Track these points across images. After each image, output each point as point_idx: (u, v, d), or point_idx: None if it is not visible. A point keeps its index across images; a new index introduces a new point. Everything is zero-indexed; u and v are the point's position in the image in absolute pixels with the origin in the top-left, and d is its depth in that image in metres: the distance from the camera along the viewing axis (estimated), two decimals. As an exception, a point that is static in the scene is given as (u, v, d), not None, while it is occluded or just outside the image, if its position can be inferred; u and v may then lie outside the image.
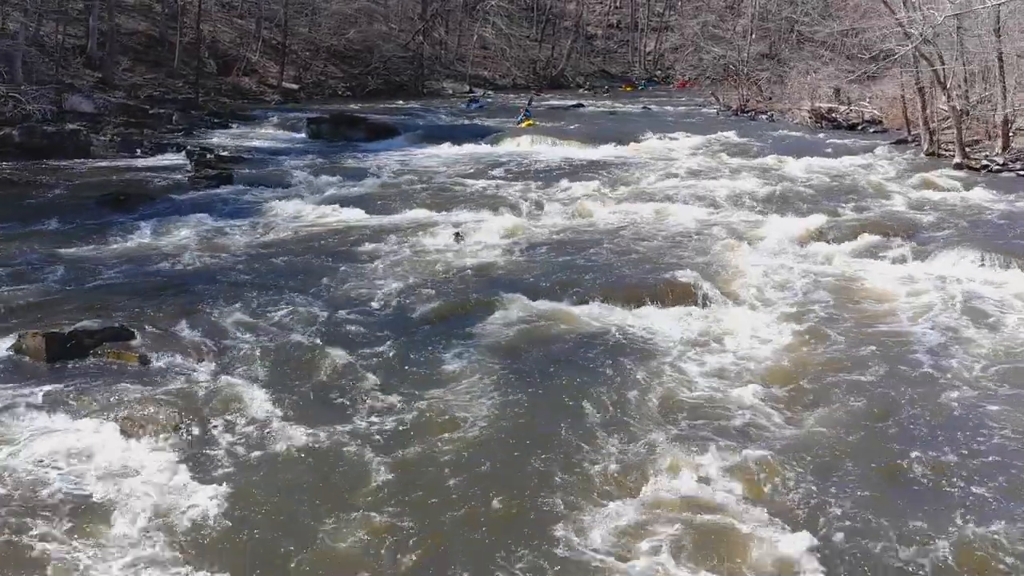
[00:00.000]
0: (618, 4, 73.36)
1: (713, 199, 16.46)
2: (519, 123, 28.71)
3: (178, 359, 8.21)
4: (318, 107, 36.97)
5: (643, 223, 14.54)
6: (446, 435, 6.91)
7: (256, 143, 26.02)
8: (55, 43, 32.76)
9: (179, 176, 19.22)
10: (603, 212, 15.42)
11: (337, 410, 7.35)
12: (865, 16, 25.53)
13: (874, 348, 8.78)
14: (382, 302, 10.16)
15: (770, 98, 37.35)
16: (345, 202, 16.12)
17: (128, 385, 7.57)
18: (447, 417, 7.17)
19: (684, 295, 10.26)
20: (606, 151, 24.01)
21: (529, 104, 33.82)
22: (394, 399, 7.53)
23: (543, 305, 10.07)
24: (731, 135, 26.78)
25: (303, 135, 27.98)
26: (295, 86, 42.57)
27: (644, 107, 40.77)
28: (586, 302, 10.20)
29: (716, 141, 25.64)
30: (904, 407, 7.54)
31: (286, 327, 9.16)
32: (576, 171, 20.22)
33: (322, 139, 27.12)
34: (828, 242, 13.11)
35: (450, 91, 50.03)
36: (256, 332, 8.94)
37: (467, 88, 50.61)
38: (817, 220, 14.13)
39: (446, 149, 24.48)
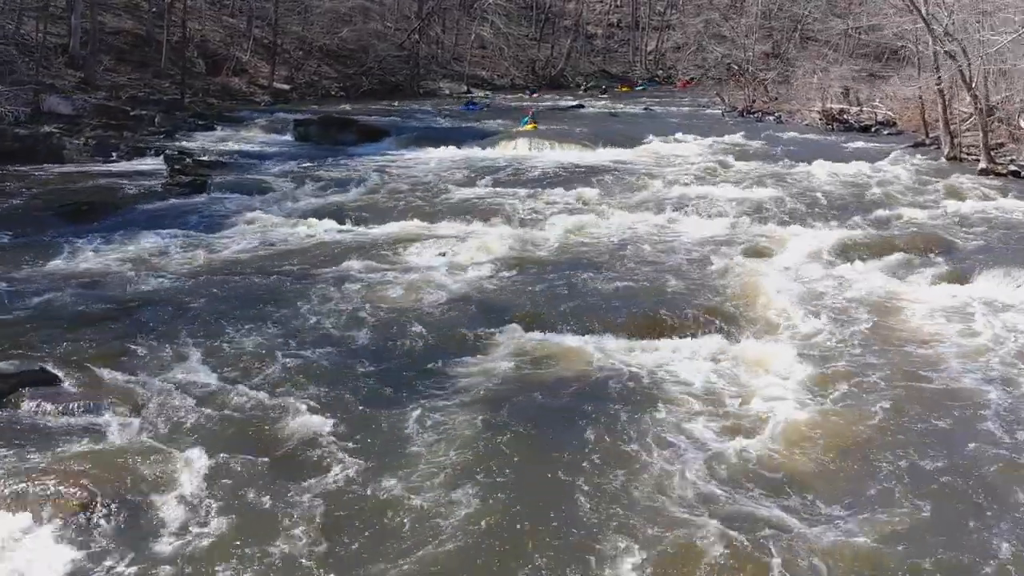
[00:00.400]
0: (619, 3, 72.04)
1: (725, 210, 15.17)
2: (523, 126, 27.02)
3: (105, 413, 6.93)
4: (310, 108, 35.71)
5: (650, 237, 13.25)
6: (417, 522, 5.63)
7: (240, 146, 24.73)
8: (36, 42, 31.51)
9: (152, 183, 17.93)
10: (606, 225, 14.14)
11: (291, 483, 6.07)
12: (880, 13, 24.24)
13: (924, 403, 7.41)
14: (351, 338, 8.88)
15: (775, 98, 36.04)
16: (324, 213, 14.85)
17: (36, 446, 6.29)
18: (418, 499, 5.87)
19: (699, 327, 8.99)
20: (608, 155, 22.71)
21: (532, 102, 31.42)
22: (357, 468, 6.24)
23: (537, 339, 8.80)
24: (738, 138, 25.48)
25: (290, 138, 26.71)
26: (286, 86, 41.26)
27: (646, 108, 39.45)
28: (587, 334, 8.93)
29: (723, 144, 24.34)
30: (972, 491, 6.16)
31: (239, 370, 7.87)
32: (576, 177, 18.93)
33: (310, 142, 25.86)
34: (856, 261, 11.81)
35: (447, 91, 48.73)
36: (202, 377, 7.66)
37: (464, 88, 49.30)
38: (842, 235, 12.84)
39: (439, 153, 23.20)
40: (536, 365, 8.19)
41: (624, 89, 54.61)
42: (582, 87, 54.18)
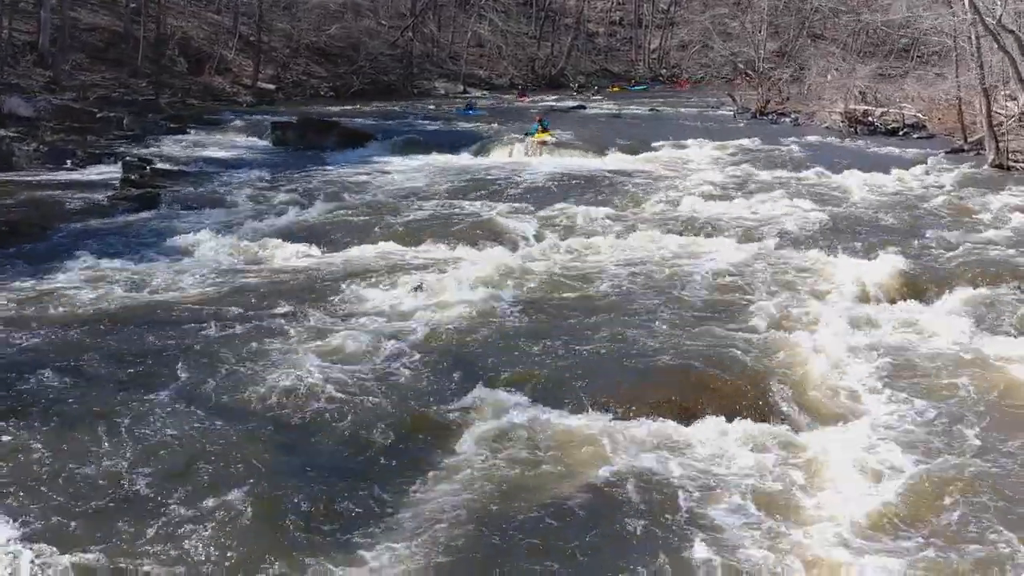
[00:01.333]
0: (621, 0, 69.93)
1: (751, 228, 13.08)
2: (532, 135, 23.02)
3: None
4: (295, 109, 33.62)
5: (667, 265, 11.12)
6: None
7: (211, 152, 22.65)
8: (1, 39, 29.46)
9: (100, 196, 15.81)
10: (613, 250, 12.02)
11: None
12: (917, 5, 22.12)
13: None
14: (292, 411, 6.78)
15: (788, 98, 33.84)
16: (287, 234, 12.76)
17: None
18: None
19: (737, 399, 6.88)
20: (613, 162, 20.63)
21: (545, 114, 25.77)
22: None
23: (527, 416, 6.69)
24: (755, 142, 23.35)
25: (267, 142, 24.62)
26: (272, 86, 39.17)
27: (652, 109, 37.36)
28: (591, 409, 6.83)
29: (740, 149, 22.23)
30: None
31: (129, 459, 5.77)
32: (578, 188, 16.84)
33: (287, 147, 23.79)
34: (922, 298, 9.70)
35: (442, 91, 46.61)
36: (92, 468, 5.58)
37: (461, 88, 47.16)
38: (897, 266, 10.68)
39: (427, 159, 21.12)
40: (523, 457, 6.08)
41: (615, 89, 51.89)
42: (574, 87, 51.32)
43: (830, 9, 62.76)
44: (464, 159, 21.30)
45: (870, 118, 25.54)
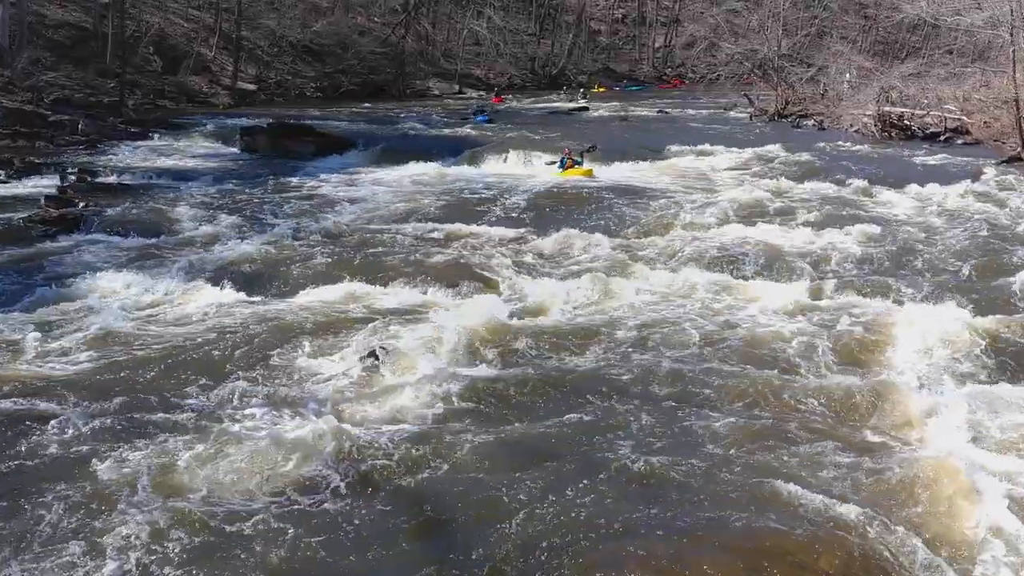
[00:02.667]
0: (624, -4, 67.55)
1: (795, 264, 10.59)
2: (560, 169, 17.70)
3: None
4: (275, 112, 31.18)
5: (697, 321, 8.61)
6: None
7: (169, 161, 20.19)
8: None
9: (20, 215, 13.38)
10: (628, 293, 9.52)
11: None
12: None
13: None
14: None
15: (804, 99, 31.25)
16: (226, 273, 10.28)
17: None
18: None
19: (840, 560, 4.38)
20: (620, 173, 18.16)
21: (589, 149, 18.63)
22: None
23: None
24: (779, 149, 20.83)
25: (236, 149, 22.16)
26: (253, 86, 36.71)
27: (660, 111, 34.92)
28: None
29: (763, 158, 19.73)
30: None
31: None
32: (582, 207, 14.37)
33: (258, 154, 21.36)
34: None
35: (437, 92, 44.18)
36: None
37: (456, 88, 44.71)
38: (995, 318, 8.19)
39: (412, 170, 18.66)
40: None
41: (601, 90, 48.70)
42: (561, 88, 47.76)
43: (841, 6, 60.48)
44: (453, 170, 18.84)
45: (906, 121, 22.98)
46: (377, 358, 7.60)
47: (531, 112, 33.25)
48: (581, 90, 45.31)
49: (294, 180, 17.50)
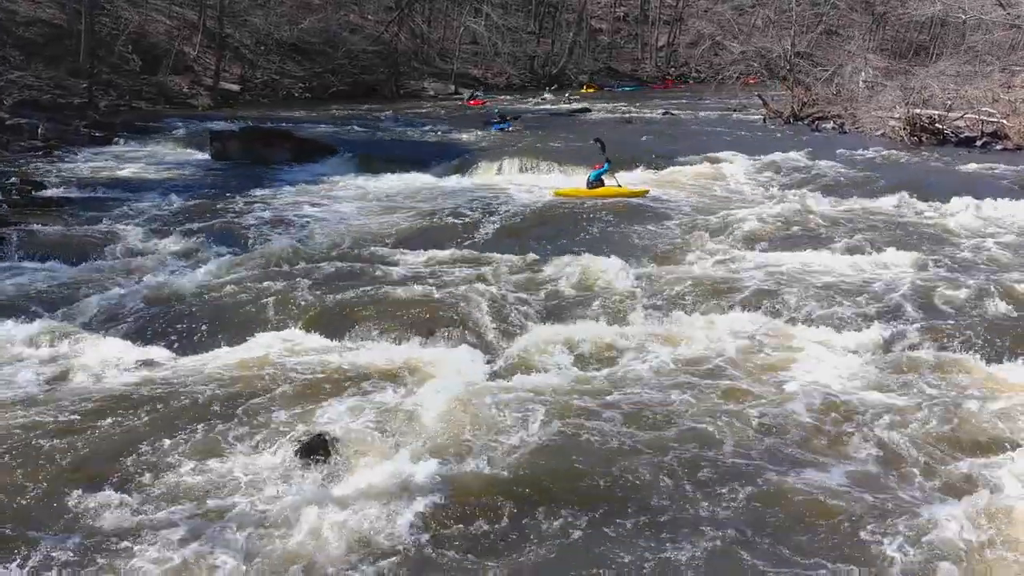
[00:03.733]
0: (626, -6, 65.66)
1: (846, 304, 8.68)
2: (592, 184, 14.83)
3: None
4: (255, 114, 29.33)
5: (731, 388, 6.72)
6: None
7: (130, 169, 18.28)
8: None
9: (-64, 238, 11.48)
10: (643, 342, 7.64)
11: None
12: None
13: None
14: None
15: (817, 100, 29.30)
16: (147, 317, 8.44)
17: None
18: None
19: None
20: (629, 183, 16.21)
21: (596, 141, 16.13)
22: None
23: None
24: (802, 156, 18.94)
25: (206, 156, 20.28)
26: (236, 87, 34.81)
27: (665, 112, 33.02)
28: None
29: (785, 166, 17.81)
30: None
31: None
32: (581, 227, 12.49)
33: (230, 161, 19.49)
34: None
35: (431, 92, 42.28)
36: None
37: (452, 89, 42.81)
38: None
39: (395, 180, 16.80)
40: None
41: (590, 90, 46.64)
42: (547, 89, 45.58)
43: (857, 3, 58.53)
44: (441, 179, 16.97)
45: (937, 124, 21.04)
46: (320, 452, 5.71)
47: (528, 115, 31.29)
48: (566, 92, 43.20)
49: (262, 192, 15.60)
